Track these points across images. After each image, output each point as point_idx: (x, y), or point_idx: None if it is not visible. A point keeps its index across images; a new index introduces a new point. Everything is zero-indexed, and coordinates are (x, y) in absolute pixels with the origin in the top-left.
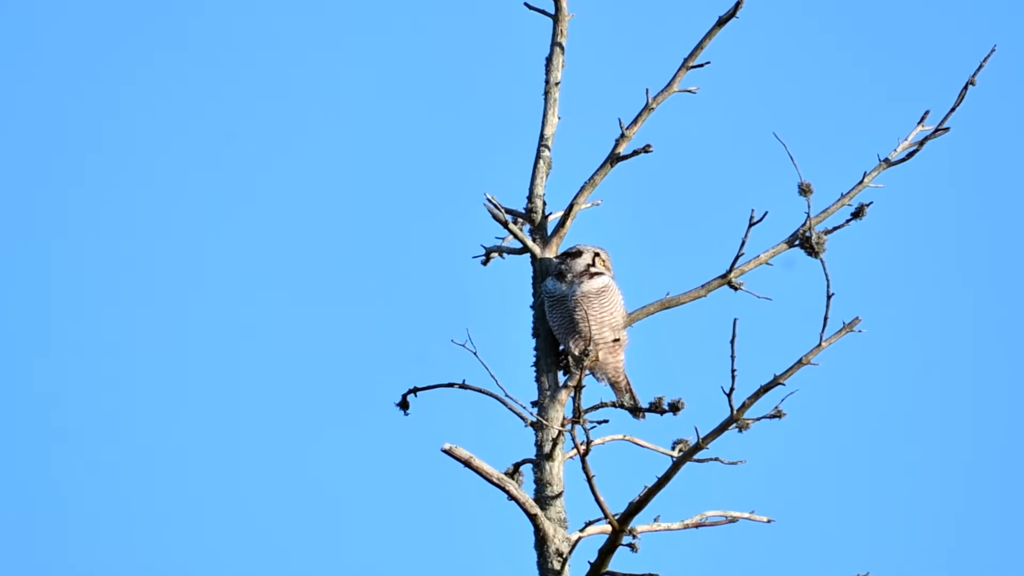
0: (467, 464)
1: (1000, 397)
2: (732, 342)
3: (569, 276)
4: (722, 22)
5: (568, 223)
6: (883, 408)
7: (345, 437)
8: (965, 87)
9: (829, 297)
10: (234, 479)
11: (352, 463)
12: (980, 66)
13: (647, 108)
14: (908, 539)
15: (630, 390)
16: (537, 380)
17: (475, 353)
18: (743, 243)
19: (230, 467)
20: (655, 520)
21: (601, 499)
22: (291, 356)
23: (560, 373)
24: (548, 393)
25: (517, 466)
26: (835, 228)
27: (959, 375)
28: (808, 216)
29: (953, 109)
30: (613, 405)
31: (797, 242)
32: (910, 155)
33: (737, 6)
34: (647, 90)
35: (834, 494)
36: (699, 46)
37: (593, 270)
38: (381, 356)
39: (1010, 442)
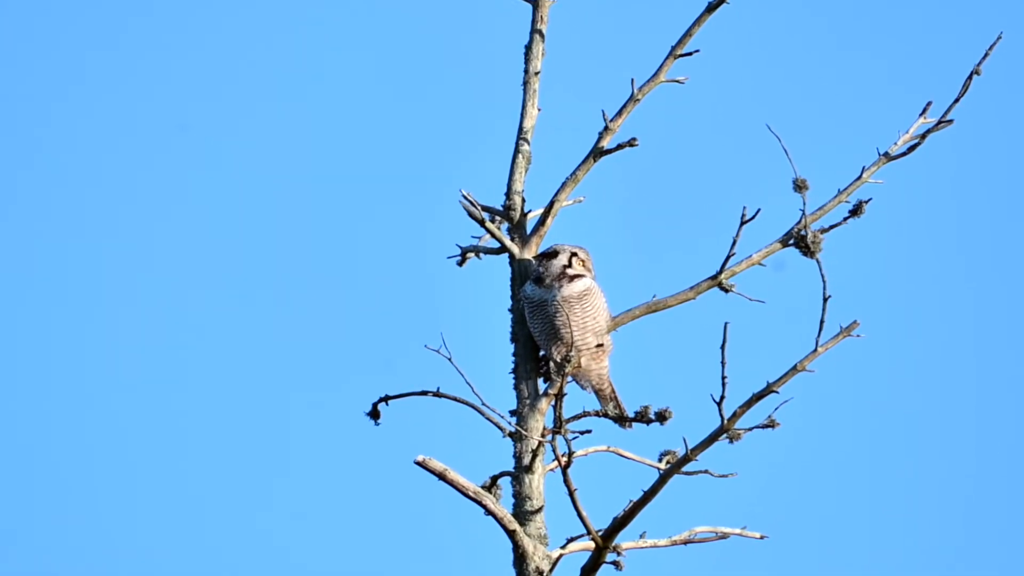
0: (441, 477)
1: (1006, 405)
2: (723, 347)
3: (547, 279)
4: (712, 8)
5: (548, 221)
6: (883, 417)
7: (312, 448)
8: (969, 77)
9: (825, 300)
10: (197, 492)
11: (319, 476)
12: (985, 54)
13: (632, 99)
14: (908, 556)
15: (615, 398)
16: (516, 388)
17: (450, 359)
18: (734, 242)
19: (192, 480)
20: (641, 536)
21: (584, 514)
22: (255, 362)
23: (540, 380)
24: (527, 402)
25: (495, 479)
26: (832, 226)
27: (963, 382)
28: (803, 213)
29: (957, 100)
30: (596, 414)
31: (791, 241)
32: (911, 149)
33: None
34: (632, 80)
35: (830, 508)
36: (687, 33)
37: (570, 271)
38: (350, 362)
39: (1016, 453)
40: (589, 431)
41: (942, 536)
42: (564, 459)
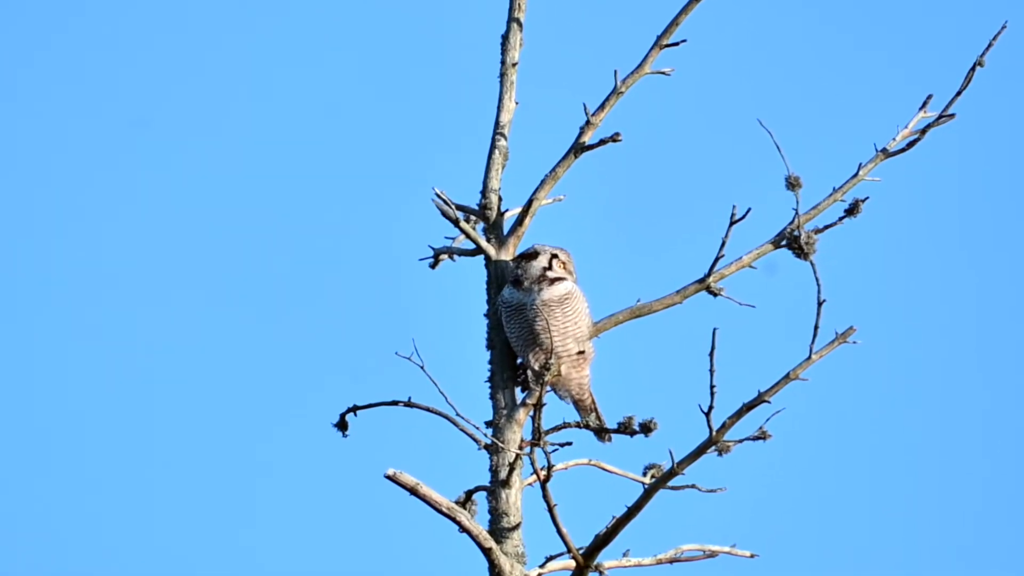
0: (413, 492)
1: (1011, 415)
2: (711, 354)
3: (526, 282)
4: None
5: (527, 221)
6: (880, 428)
7: (276, 462)
8: (972, 68)
9: (820, 304)
10: (160, 508)
11: (284, 490)
12: (989, 45)
13: (616, 92)
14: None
15: (595, 409)
16: (492, 397)
17: (422, 367)
18: (723, 243)
19: (154, 495)
20: (624, 555)
21: (564, 531)
22: (216, 369)
23: (518, 390)
24: (504, 412)
25: (470, 494)
26: (827, 227)
27: (965, 390)
28: (796, 213)
29: (959, 93)
30: (577, 425)
31: (784, 242)
32: (911, 144)
33: None
34: (615, 72)
35: (825, 525)
36: (674, 22)
37: (550, 274)
38: (316, 370)
39: (1020, 467)
40: (570, 443)
41: (943, 553)
42: (543, 473)
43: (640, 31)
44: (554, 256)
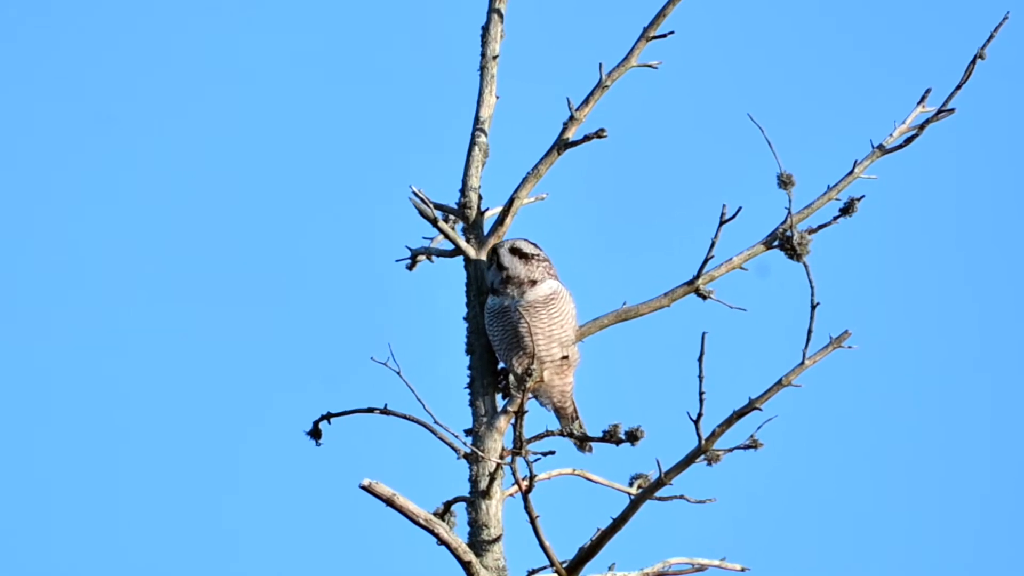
0: (389, 503)
1: (1013, 420)
2: (700, 360)
3: (500, 287)
4: None
5: (508, 220)
6: (876, 436)
7: (246, 470)
8: (973, 61)
9: (814, 307)
10: (127, 518)
11: (255, 500)
12: (990, 37)
13: (601, 86)
14: None
15: (577, 418)
16: (472, 404)
17: (399, 373)
18: (713, 244)
19: (122, 504)
20: (609, 568)
21: (547, 544)
22: (182, 375)
23: (499, 396)
24: (484, 420)
25: (448, 505)
26: (821, 226)
27: (964, 395)
28: (789, 212)
29: (959, 87)
30: (560, 434)
31: (776, 243)
32: (908, 141)
33: None
34: (600, 65)
35: (818, 537)
36: (661, 12)
37: (504, 273)
38: (288, 376)
39: (1021, 474)
40: (552, 452)
41: (938, 564)
42: (525, 483)
43: (626, 22)
44: (492, 250)
